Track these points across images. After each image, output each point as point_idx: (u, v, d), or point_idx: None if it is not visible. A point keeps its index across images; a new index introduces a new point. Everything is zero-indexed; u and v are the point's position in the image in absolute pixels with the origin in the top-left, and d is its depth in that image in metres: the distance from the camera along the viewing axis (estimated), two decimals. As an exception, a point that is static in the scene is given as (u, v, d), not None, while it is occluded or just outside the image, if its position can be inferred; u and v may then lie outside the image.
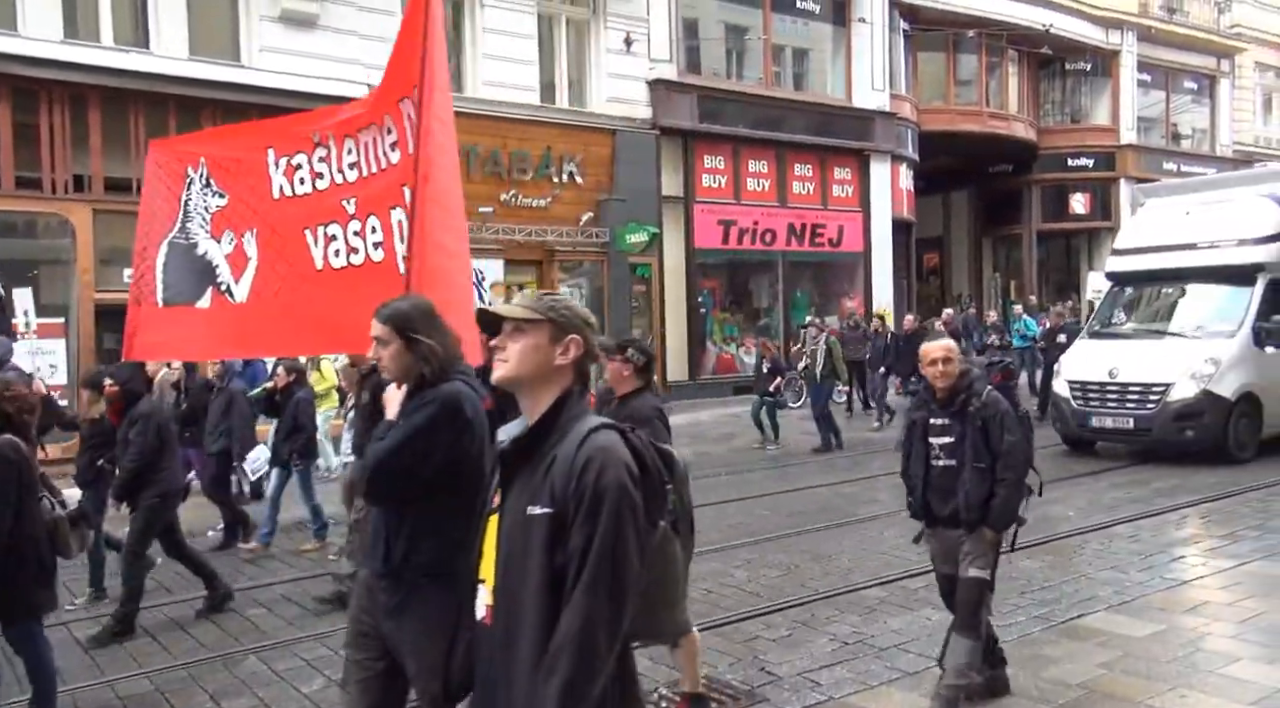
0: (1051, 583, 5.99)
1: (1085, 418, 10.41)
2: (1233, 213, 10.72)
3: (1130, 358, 10.32)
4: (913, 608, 5.64)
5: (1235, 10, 23.94)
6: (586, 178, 14.69)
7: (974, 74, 20.48)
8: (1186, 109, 24.33)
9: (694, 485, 8.72)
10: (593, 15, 15.02)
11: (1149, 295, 11.56)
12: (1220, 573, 6.06)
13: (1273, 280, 10.39)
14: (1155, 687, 4.33)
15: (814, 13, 17.88)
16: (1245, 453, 9.88)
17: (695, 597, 5.97)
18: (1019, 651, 4.86)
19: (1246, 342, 10.04)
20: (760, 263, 17.33)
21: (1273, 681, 4.32)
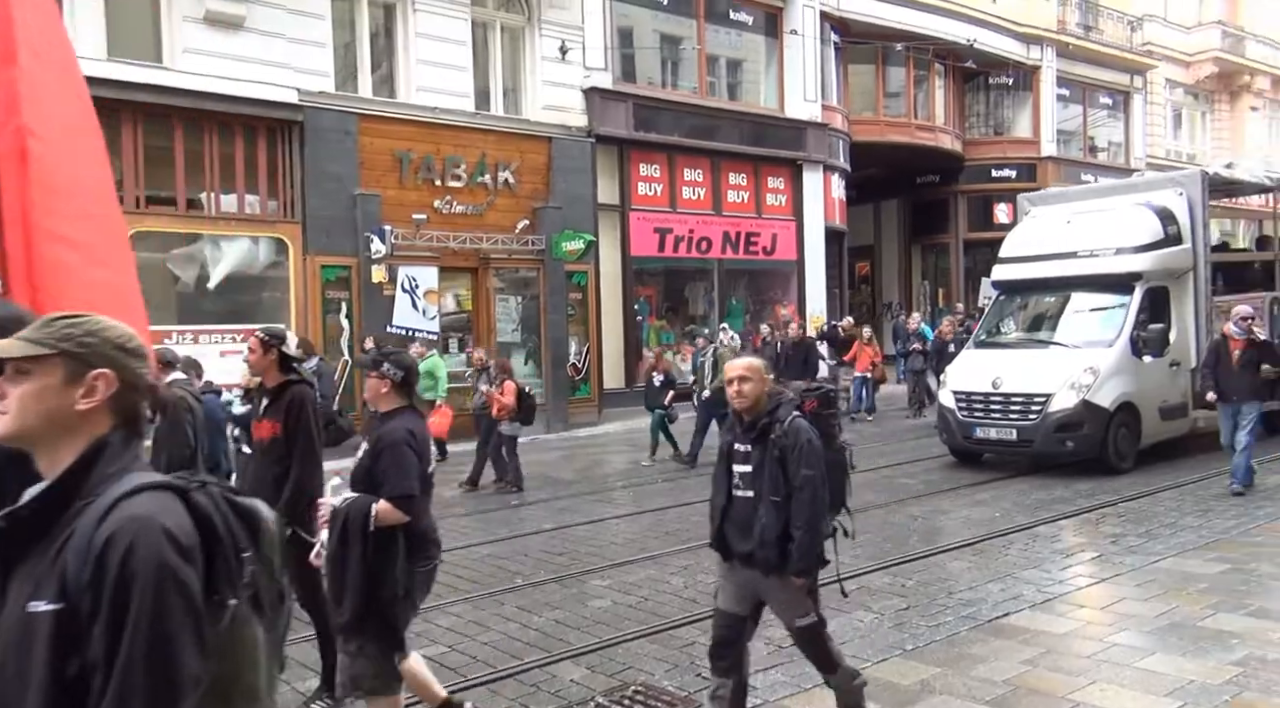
0: (977, 584, 6.15)
1: (970, 429, 10.23)
2: (1112, 221, 10.70)
3: (1013, 368, 10.18)
4: (846, 610, 5.72)
5: (1146, 29, 24.97)
6: (522, 185, 14.64)
7: (902, 86, 20.98)
8: (1103, 123, 25.28)
9: (629, 493, 8.81)
10: (527, 23, 14.99)
11: (1033, 304, 11.46)
12: (1135, 570, 6.30)
13: (1150, 289, 10.37)
14: (1076, 682, 4.48)
15: (747, 24, 18.12)
16: (1125, 463, 9.75)
17: (632, 604, 6.00)
18: (948, 651, 4.99)
19: (1125, 351, 9.97)
20: (696, 270, 17.46)
21: (1184, 672, 4.51)
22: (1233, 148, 27.01)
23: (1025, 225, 11.79)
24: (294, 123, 12.56)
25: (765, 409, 3.66)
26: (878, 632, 5.33)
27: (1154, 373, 10.10)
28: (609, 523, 8.56)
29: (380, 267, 12.76)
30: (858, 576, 6.40)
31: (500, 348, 14.60)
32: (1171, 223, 10.56)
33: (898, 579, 6.35)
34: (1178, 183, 11.10)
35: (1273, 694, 4.24)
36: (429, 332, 13.56)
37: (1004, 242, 11.70)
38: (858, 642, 5.17)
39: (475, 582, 6.70)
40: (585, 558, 7.25)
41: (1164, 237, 10.42)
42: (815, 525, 3.60)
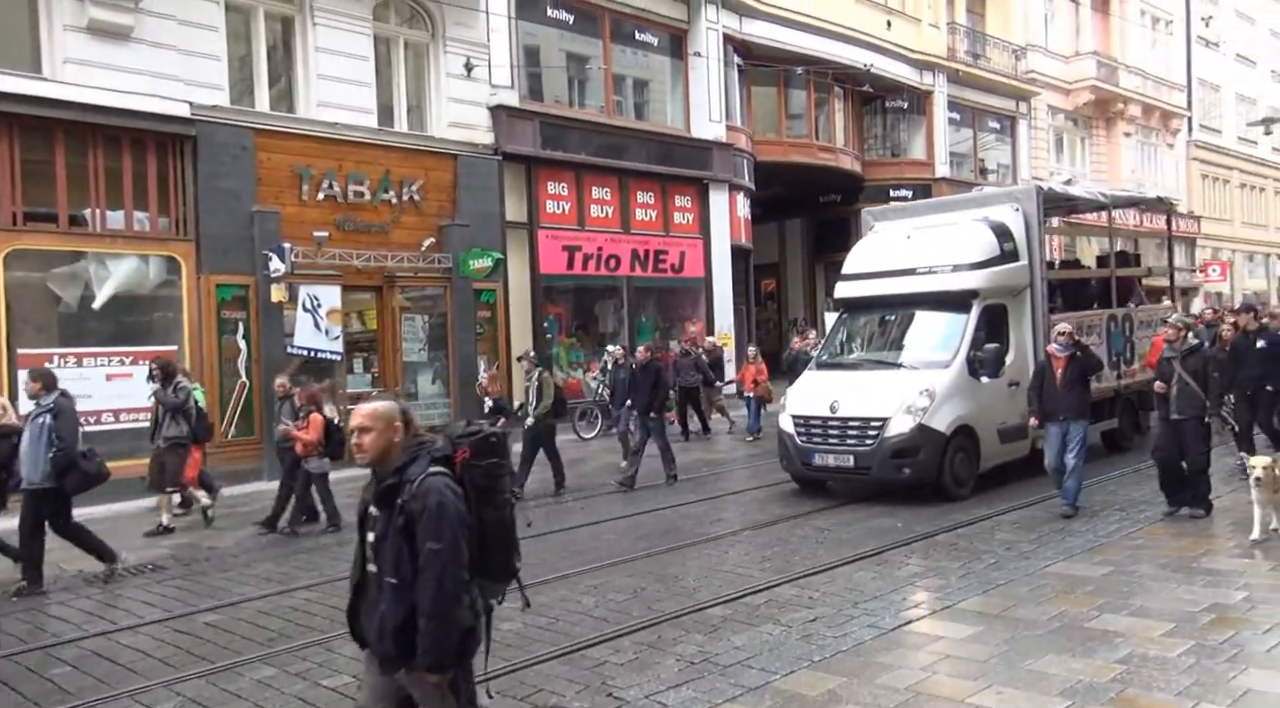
0: (882, 593, 6.30)
1: (809, 455, 9.69)
2: (950, 237, 10.30)
3: (851, 391, 9.69)
4: (755, 624, 5.80)
5: (1030, 58, 26.29)
6: (428, 202, 14.44)
7: (804, 108, 21.54)
8: (992, 146, 26.45)
9: (540, 512, 8.77)
10: (432, 39, 14.84)
11: (873, 323, 10.94)
12: (1028, 575, 6.56)
13: (988, 307, 9.98)
14: (974, 685, 4.62)
15: (652, 45, 18.36)
16: (963, 490, 9.30)
17: (542, 625, 5.94)
18: (854, 660, 5.09)
19: (961, 372, 9.50)
20: (605, 288, 17.51)
21: (1073, 672, 4.71)
22: (1109, 171, 28.63)
23: (867, 241, 11.32)
24: (186, 137, 12.11)
25: (395, 465, 3.03)
26: (785, 644, 5.40)
27: (992, 394, 9.68)
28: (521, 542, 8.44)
29: (280, 286, 12.38)
30: (769, 588, 6.50)
31: (409, 367, 14.36)
32: (1008, 239, 10.24)
33: (805, 591, 6.46)
34: (1014, 198, 10.80)
35: (1154, 690, 4.46)
36: (332, 352, 13.20)
37: (846, 258, 11.27)
38: (766, 655, 5.23)
39: (380, 609, 6.52)
40: (495, 580, 7.12)
41: (1000, 253, 10.09)
42: (442, 613, 2.91)
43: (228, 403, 12.34)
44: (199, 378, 11.37)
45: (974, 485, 9.48)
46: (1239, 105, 34.65)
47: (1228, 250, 33.96)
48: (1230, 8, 34.54)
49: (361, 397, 11.22)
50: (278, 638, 6.01)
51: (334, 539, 8.92)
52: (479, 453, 3.06)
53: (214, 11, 12.48)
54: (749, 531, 8.50)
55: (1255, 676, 4.57)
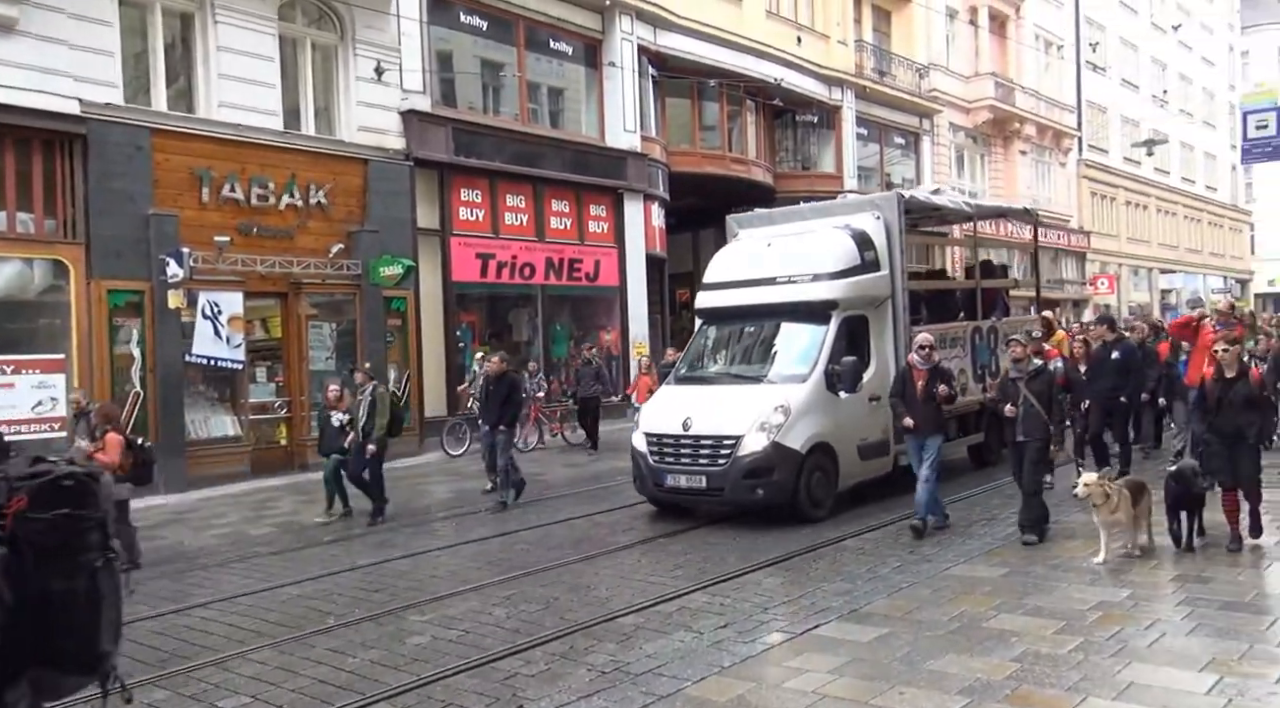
0: (791, 598, 6.41)
1: (661, 476, 9.09)
2: (810, 245, 9.89)
3: (705, 407, 9.16)
4: (667, 632, 5.83)
5: (932, 76, 27.25)
6: (336, 208, 14.11)
7: (717, 120, 21.84)
8: (897, 161, 27.30)
9: (451, 524, 8.63)
10: (340, 41, 14.53)
11: (733, 335, 10.44)
12: (930, 578, 6.76)
13: (848, 319, 9.57)
14: (878, 687, 4.74)
15: (567, 54, 18.36)
16: (820, 511, 8.83)
17: (451, 638, 5.84)
18: (762, 665, 5.16)
19: (819, 386, 9.04)
20: (520, 296, 17.39)
21: (972, 671, 4.87)
22: (1006, 186, 29.86)
23: (728, 249, 10.83)
24: (76, 136, 11.56)
25: None
26: (697, 651, 5.44)
27: (852, 409, 9.24)
28: (429, 556, 8.31)
29: (177, 292, 11.90)
30: (680, 595, 6.54)
31: (315, 376, 13.97)
32: (869, 248, 9.89)
33: (716, 598, 6.51)
34: (875, 206, 10.44)
35: (1046, 686, 4.65)
36: (233, 360, 12.76)
37: (708, 266, 10.79)
38: (677, 662, 5.26)
39: (282, 625, 6.32)
40: (404, 593, 7.00)
41: (861, 262, 9.73)
42: None
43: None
44: (88, 388, 10.84)
45: (833, 505, 9.04)
46: (1124, 127, 36.59)
47: (1115, 264, 35.77)
48: (1116, 35, 36.48)
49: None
50: (171, 658, 5.76)
51: (236, 553, 8.62)
52: (42, 502, 2.19)
53: (107, 6, 11.96)
54: (663, 538, 8.53)
55: (1138, 669, 4.80)
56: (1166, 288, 39.99)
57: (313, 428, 13.79)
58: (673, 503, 9.43)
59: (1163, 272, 40.06)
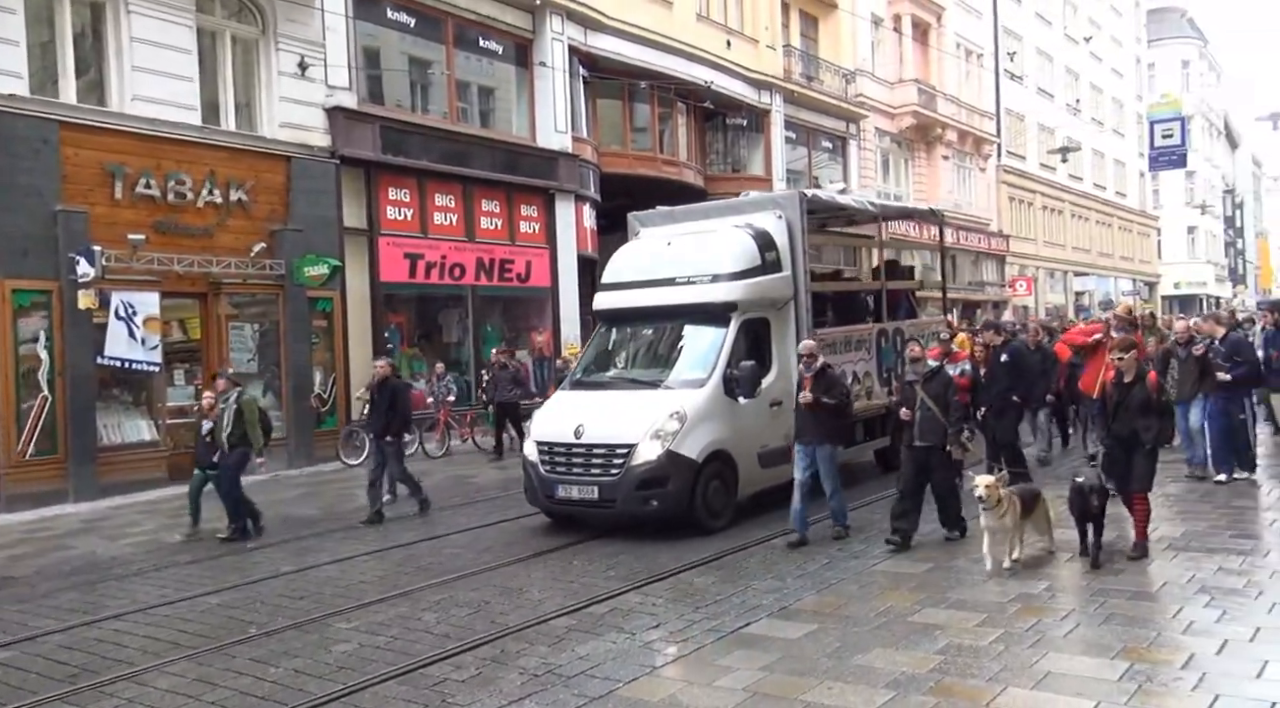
0: (722, 597, 6.45)
1: (552, 487, 8.66)
2: (711, 245, 9.56)
3: (599, 413, 8.78)
4: (599, 633, 5.82)
5: (859, 82, 27.78)
6: (258, 206, 13.72)
7: (648, 122, 21.89)
8: (825, 165, 27.73)
9: (379, 529, 8.49)
10: (262, 35, 14.14)
11: (632, 337, 10.05)
12: (858, 574, 6.88)
13: (749, 321, 9.26)
14: (807, 682, 4.81)
15: (497, 53, 18.20)
16: (718, 521, 8.48)
17: (379, 645, 5.73)
18: (694, 664, 5.19)
19: (717, 392, 8.69)
20: (450, 297, 17.16)
21: (897, 665, 4.98)
22: (929, 190, 30.62)
23: (627, 248, 10.47)
24: (-22, 127, 11.02)
25: None
26: (629, 652, 5.45)
27: (752, 415, 8.89)
28: (356, 561, 8.15)
29: (89, 291, 11.42)
30: (613, 597, 6.53)
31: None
32: (770, 248, 9.59)
33: (648, 598, 6.53)
34: (778, 205, 10.09)
35: (968, 677, 4.77)
36: (149, 363, 12.31)
37: (607, 265, 10.42)
38: (610, 663, 5.25)
39: (201, 636, 6.13)
40: (330, 600, 6.84)
41: (762, 263, 9.43)
42: None
43: (25, 419, 11.27)
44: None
45: (732, 515, 8.70)
46: (1040, 134, 37.86)
47: (1032, 267, 36.98)
48: (1032, 45, 37.74)
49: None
50: (81, 673, 5.53)
51: (152, 562, 8.31)
52: None
53: (12, -8, 11.43)
54: (596, 540, 8.50)
55: (1055, 659, 4.97)
56: (1080, 290, 41.52)
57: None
58: (565, 515, 8.95)
59: (1077, 274, 41.57)
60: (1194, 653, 4.92)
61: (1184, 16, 56.30)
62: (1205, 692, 4.44)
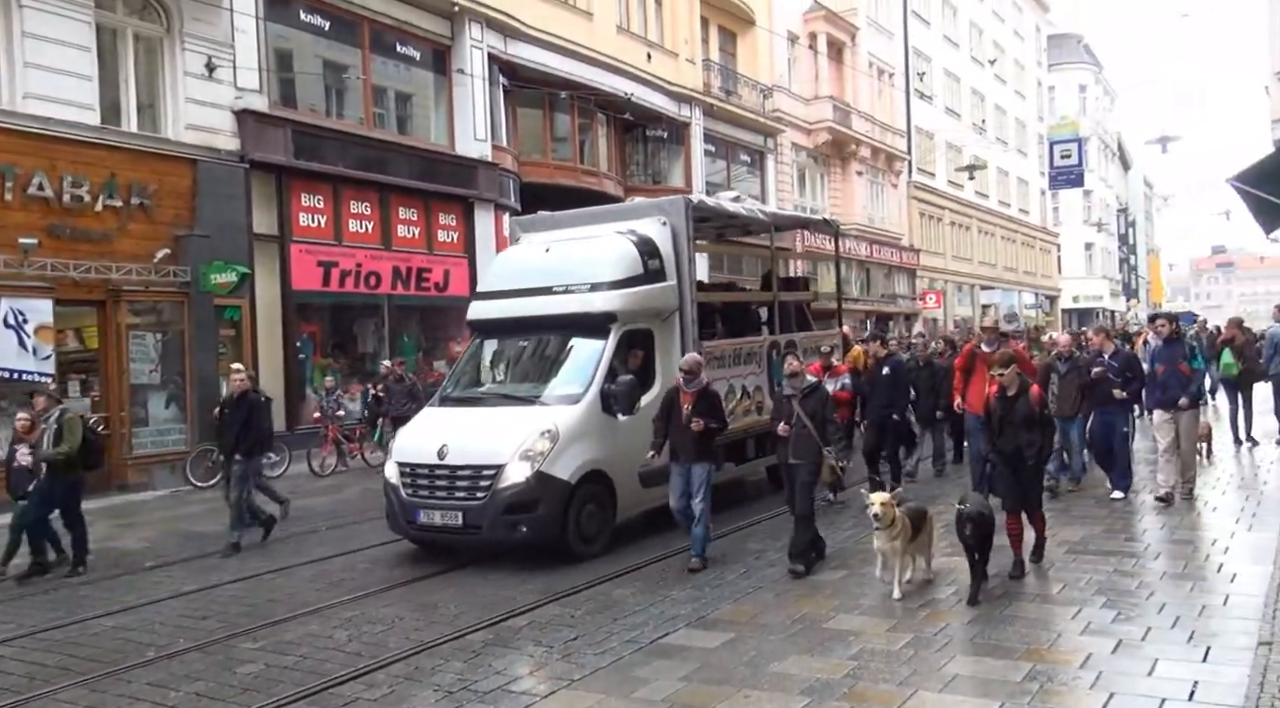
0: (640, 608, 6.45)
1: (414, 512, 8.05)
2: (590, 252, 9.08)
3: (465, 432, 8.26)
4: (517, 647, 5.75)
5: (776, 98, 28.32)
6: (161, 210, 13.21)
7: (568, 132, 21.88)
8: (743, 178, 28.15)
9: (289, 544, 8.20)
10: (166, 33, 13.65)
11: (507, 350, 9.54)
12: (774, 582, 6.96)
13: (630, 333, 8.81)
14: (725, 691, 4.83)
15: (415, 59, 17.95)
16: (593, 547, 7.96)
17: (287, 665, 5.55)
18: (613, 676, 5.16)
19: (593, 408, 8.21)
20: (365, 306, 16.81)
21: (813, 671, 5.04)
22: (844, 205, 31.36)
23: (505, 254, 10.12)
24: None
25: None
26: (547, 665, 5.39)
27: (632, 432, 8.26)
28: (264, 578, 7.88)
29: (-25, 298, 10.83)
30: (531, 609, 6.46)
31: (137, 390, 13.05)
32: (654, 256, 9.10)
33: (567, 610, 6.48)
34: (662, 211, 9.58)
35: (880, 682, 4.87)
36: (40, 373, 11.71)
37: (483, 272, 10.07)
38: (527, 678, 5.19)
39: (94, 660, 5.83)
40: (235, 619, 6.60)
41: (644, 271, 8.93)
42: None
43: (-95, 433, 10.59)
44: None
45: (609, 539, 8.18)
46: (949, 152, 39.19)
47: (942, 281, 38.21)
48: (940, 66, 39.08)
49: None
50: (-37, 705, 5.20)
51: (42, 583, 7.87)
52: None
53: (-108, -20, 10.79)
54: (515, 552, 8.40)
55: (962, 661, 5.11)
56: (987, 303, 43.05)
57: (134, 445, 12.88)
58: (428, 543, 8.33)
59: (983, 288, 43.11)
60: (1091, 653, 5.12)
61: (1081, 43, 59.08)
62: (1101, 690, 4.63)
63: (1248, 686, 4.52)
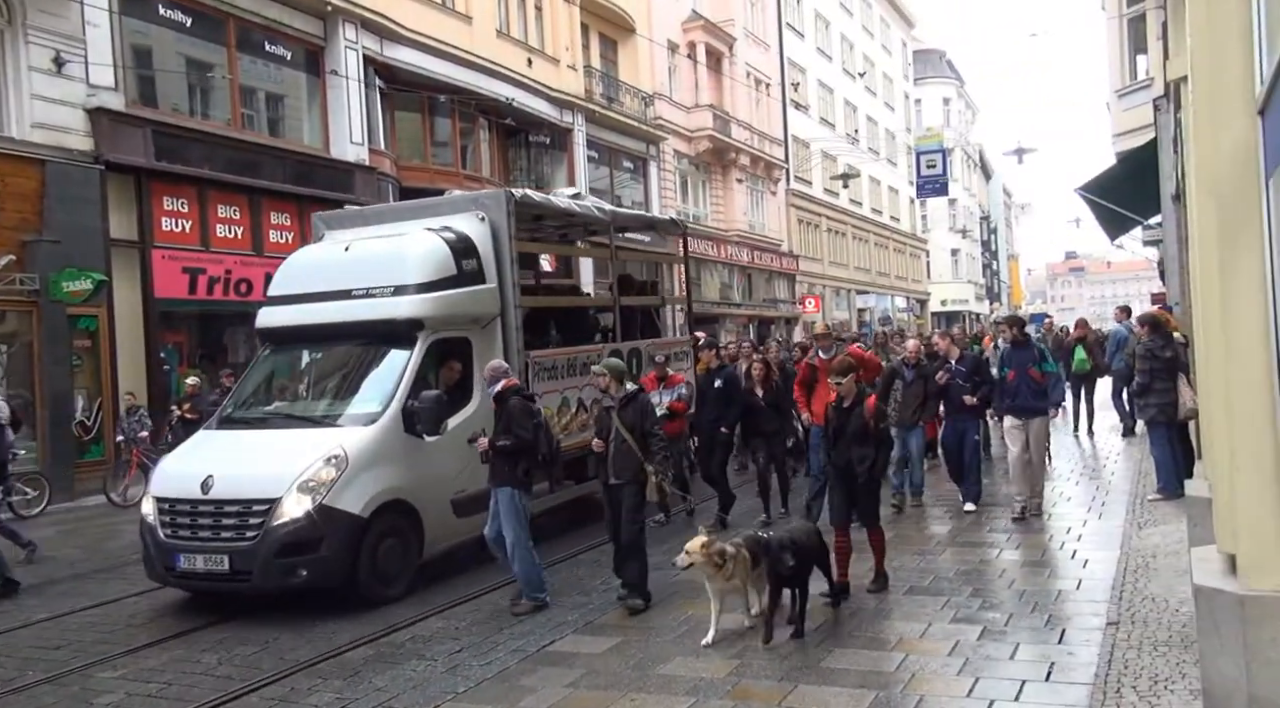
0: (524, 616, 6.39)
1: (173, 557, 6.86)
2: (395, 251, 8.07)
3: (236, 460, 7.19)
4: (399, 661, 5.61)
5: (658, 105, 28.66)
6: (6, 214, 12.32)
7: (449, 137, 21.56)
8: (627, 184, 28.36)
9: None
10: (9, 25, 12.74)
11: (298, 363, 8.40)
12: (662, 585, 7.01)
13: (441, 342, 7.87)
14: (611, 696, 4.85)
15: (285, 58, 17.33)
16: (392, 589, 6.97)
17: (152, 693, 5.28)
18: (499, 686, 5.11)
19: (393, 429, 7.21)
20: (236, 314, 16.07)
21: (696, 672, 5.12)
22: (726, 212, 32.01)
23: (301, 253, 9.12)
24: None
25: None
26: (431, 679, 5.29)
27: (444, 455, 7.41)
28: (125, 603, 7.43)
29: None
30: (414, 623, 6.32)
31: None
32: (470, 256, 8.18)
33: (451, 623, 6.37)
34: (481, 206, 8.63)
35: (762, 679, 4.98)
36: None
37: (275, 274, 8.88)
38: (410, 693, 5.08)
39: (-68, 702, 5.38)
40: (91, 648, 6.20)
41: (458, 273, 8.00)
42: None
43: None
44: None
45: (412, 578, 7.20)
46: (824, 161, 40.51)
47: (820, 285, 39.43)
48: (815, 78, 40.38)
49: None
50: None
51: None
52: None
53: None
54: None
55: (839, 655, 5.28)
56: (862, 307, 44.69)
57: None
58: (196, 591, 7.17)
59: (859, 292, 44.72)
60: (958, 640, 5.38)
61: (944, 58, 62.13)
62: (968, 676, 4.87)
63: (1097, 664, 4.83)
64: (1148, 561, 6.73)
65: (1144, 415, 9.11)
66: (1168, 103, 11.12)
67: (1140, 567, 6.58)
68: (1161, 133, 12.86)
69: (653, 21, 28.37)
